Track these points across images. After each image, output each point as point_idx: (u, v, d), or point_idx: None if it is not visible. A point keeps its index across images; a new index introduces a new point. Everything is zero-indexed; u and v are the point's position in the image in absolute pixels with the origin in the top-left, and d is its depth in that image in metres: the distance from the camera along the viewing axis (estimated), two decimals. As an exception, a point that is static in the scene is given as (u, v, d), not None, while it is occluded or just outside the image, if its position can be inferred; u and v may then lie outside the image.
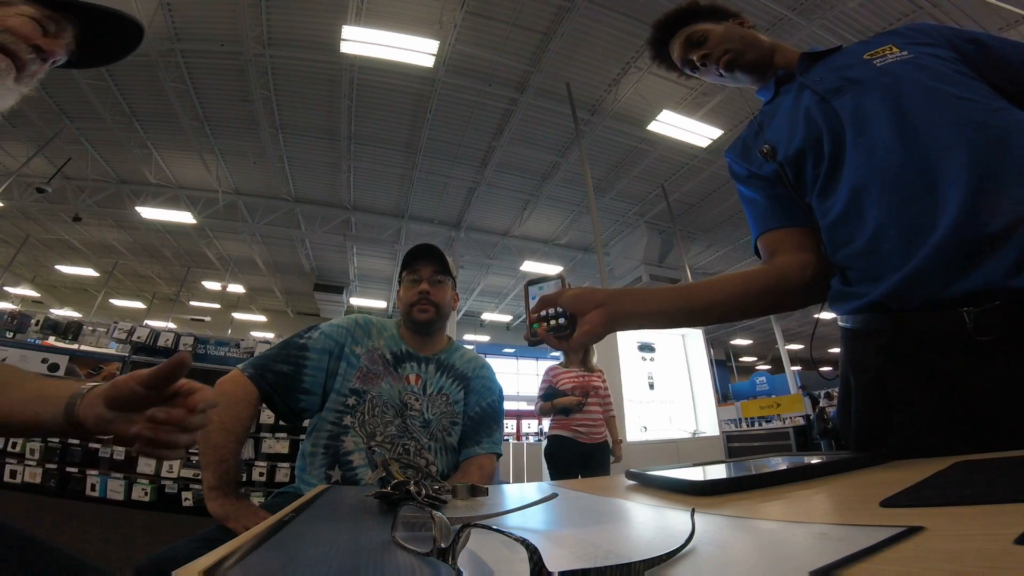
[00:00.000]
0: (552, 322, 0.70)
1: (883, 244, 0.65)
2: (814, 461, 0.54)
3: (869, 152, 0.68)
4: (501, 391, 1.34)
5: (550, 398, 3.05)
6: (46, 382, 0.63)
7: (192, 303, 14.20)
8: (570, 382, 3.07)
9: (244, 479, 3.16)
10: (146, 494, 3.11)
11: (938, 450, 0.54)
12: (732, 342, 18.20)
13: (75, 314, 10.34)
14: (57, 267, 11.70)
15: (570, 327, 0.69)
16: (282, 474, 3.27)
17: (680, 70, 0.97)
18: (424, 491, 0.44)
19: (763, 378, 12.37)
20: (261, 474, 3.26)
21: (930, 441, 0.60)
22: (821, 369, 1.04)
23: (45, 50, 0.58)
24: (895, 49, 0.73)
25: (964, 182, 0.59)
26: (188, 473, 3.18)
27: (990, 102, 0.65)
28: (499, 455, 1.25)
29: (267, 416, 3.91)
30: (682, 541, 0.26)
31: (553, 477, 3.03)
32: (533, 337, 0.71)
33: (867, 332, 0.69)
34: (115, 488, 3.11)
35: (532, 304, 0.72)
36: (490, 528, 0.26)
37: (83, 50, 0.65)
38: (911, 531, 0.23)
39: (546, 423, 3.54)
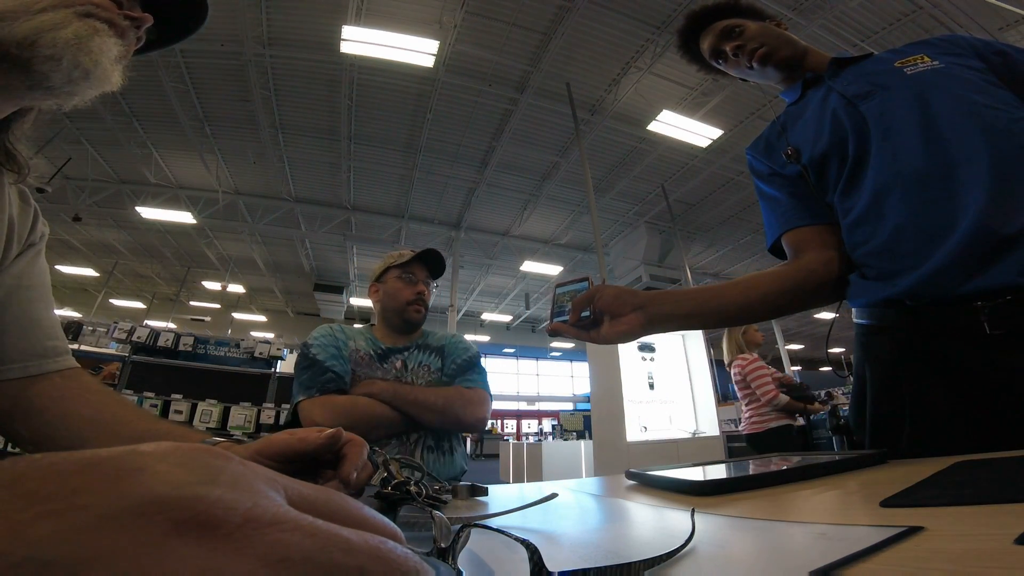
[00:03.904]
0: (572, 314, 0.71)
1: (902, 243, 0.68)
2: (814, 461, 0.54)
3: (893, 155, 0.70)
4: (478, 352, 1.39)
5: (791, 392, 2.93)
6: (156, 425, 0.63)
7: (192, 303, 14.19)
8: (783, 379, 3.05)
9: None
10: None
11: (950, 442, 0.57)
12: (732, 342, 18.17)
13: (75, 314, 10.33)
14: (57, 267, 11.70)
15: (592, 319, 0.71)
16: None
17: (703, 62, 0.97)
18: (424, 491, 0.44)
19: (763, 378, 12.33)
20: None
21: (943, 433, 0.62)
22: (824, 370, 1.05)
23: (136, 17, 0.54)
24: (927, 59, 0.75)
25: (985, 186, 0.62)
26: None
27: (1014, 111, 0.67)
28: (485, 391, 1.28)
29: (267, 417, 3.91)
30: (682, 541, 0.26)
31: None
32: (555, 327, 0.73)
33: (883, 327, 0.71)
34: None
35: (566, 302, 0.73)
36: (490, 528, 0.26)
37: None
38: (911, 531, 0.23)
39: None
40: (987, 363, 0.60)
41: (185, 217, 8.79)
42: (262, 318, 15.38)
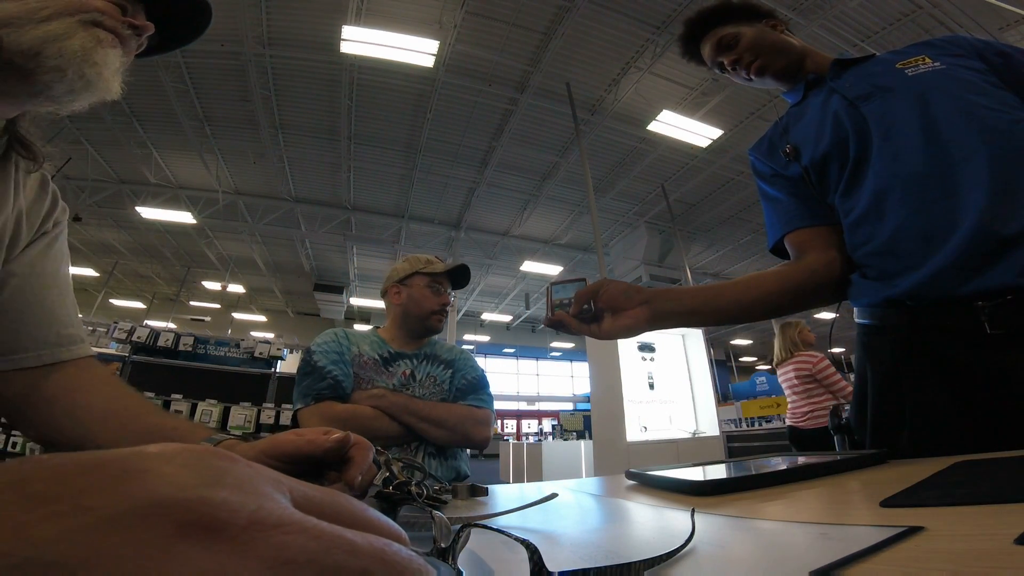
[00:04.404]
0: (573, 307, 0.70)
1: (902, 244, 0.68)
2: (814, 461, 0.54)
3: (894, 156, 0.71)
4: (483, 370, 1.40)
5: None
6: (164, 419, 0.62)
7: (192, 303, 14.19)
8: None
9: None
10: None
11: (950, 442, 0.57)
12: (732, 342, 18.19)
13: (75, 314, 10.32)
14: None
15: (592, 315, 0.71)
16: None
17: (709, 67, 0.98)
18: (425, 491, 0.44)
19: (763, 378, 12.32)
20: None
21: (943, 433, 0.62)
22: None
23: (138, 25, 0.55)
24: (928, 60, 0.75)
25: (985, 187, 0.62)
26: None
27: (1015, 113, 0.67)
28: (491, 412, 1.32)
29: (267, 417, 3.91)
30: (682, 541, 0.26)
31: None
32: (558, 316, 0.71)
33: (883, 327, 0.72)
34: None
35: (565, 297, 0.73)
36: (490, 528, 0.26)
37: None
38: (911, 531, 0.23)
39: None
40: (987, 363, 0.61)
41: (185, 217, 8.78)
42: (262, 318, 15.38)
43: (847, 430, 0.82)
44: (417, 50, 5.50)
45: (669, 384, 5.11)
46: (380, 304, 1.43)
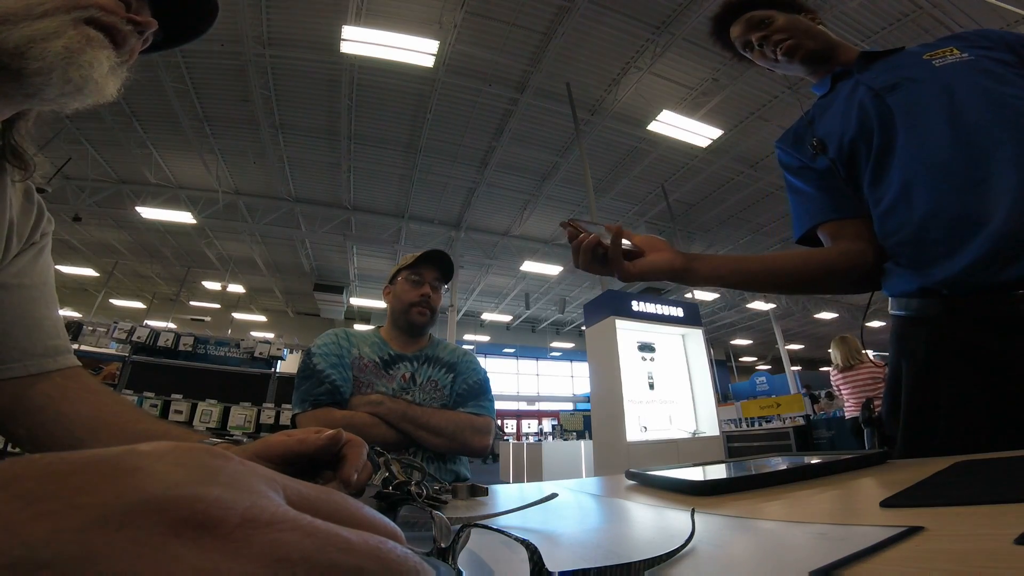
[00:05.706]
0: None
1: (932, 232, 0.68)
2: (814, 461, 0.54)
3: (920, 145, 0.71)
4: (486, 373, 1.39)
5: None
6: (154, 425, 0.62)
7: (192, 303, 14.19)
8: None
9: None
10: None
11: (987, 436, 0.57)
12: (732, 342, 18.19)
13: (75, 314, 10.33)
14: (57, 267, 11.63)
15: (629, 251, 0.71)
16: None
17: (734, 51, 0.96)
18: (425, 491, 0.44)
19: (763, 378, 12.34)
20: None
21: (978, 425, 0.62)
22: (824, 369, 1.05)
23: (140, 22, 0.53)
24: (956, 51, 0.75)
25: (1015, 175, 0.62)
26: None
27: None
28: (492, 419, 1.30)
29: (267, 417, 3.91)
30: (682, 541, 0.26)
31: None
32: (615, 229, 0.70)
33: (918, 317, 0.72)
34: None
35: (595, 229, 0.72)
36: (490, 528, 0.26)
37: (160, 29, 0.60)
38: (911, 531, 0.23)
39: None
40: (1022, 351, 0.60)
41: (185, 217, 8.78)
42: (262, 318, 15.38)
43: (878, 423, 0.81)
44: (417, 50, 5.50)
45: (669, 384, 5.11)
46: (380, 304, 1.43)
